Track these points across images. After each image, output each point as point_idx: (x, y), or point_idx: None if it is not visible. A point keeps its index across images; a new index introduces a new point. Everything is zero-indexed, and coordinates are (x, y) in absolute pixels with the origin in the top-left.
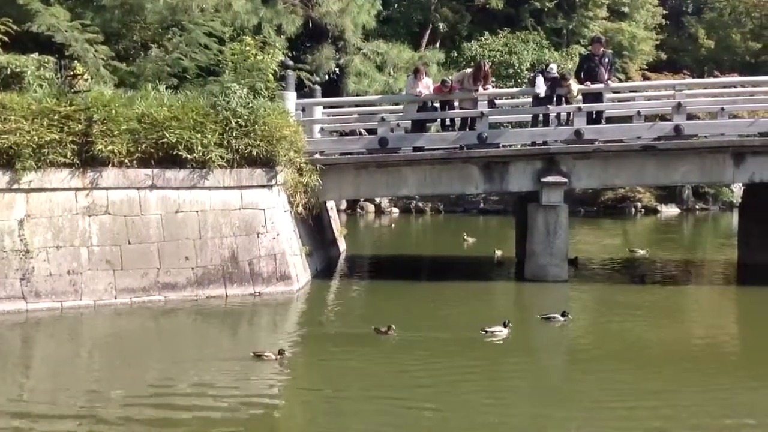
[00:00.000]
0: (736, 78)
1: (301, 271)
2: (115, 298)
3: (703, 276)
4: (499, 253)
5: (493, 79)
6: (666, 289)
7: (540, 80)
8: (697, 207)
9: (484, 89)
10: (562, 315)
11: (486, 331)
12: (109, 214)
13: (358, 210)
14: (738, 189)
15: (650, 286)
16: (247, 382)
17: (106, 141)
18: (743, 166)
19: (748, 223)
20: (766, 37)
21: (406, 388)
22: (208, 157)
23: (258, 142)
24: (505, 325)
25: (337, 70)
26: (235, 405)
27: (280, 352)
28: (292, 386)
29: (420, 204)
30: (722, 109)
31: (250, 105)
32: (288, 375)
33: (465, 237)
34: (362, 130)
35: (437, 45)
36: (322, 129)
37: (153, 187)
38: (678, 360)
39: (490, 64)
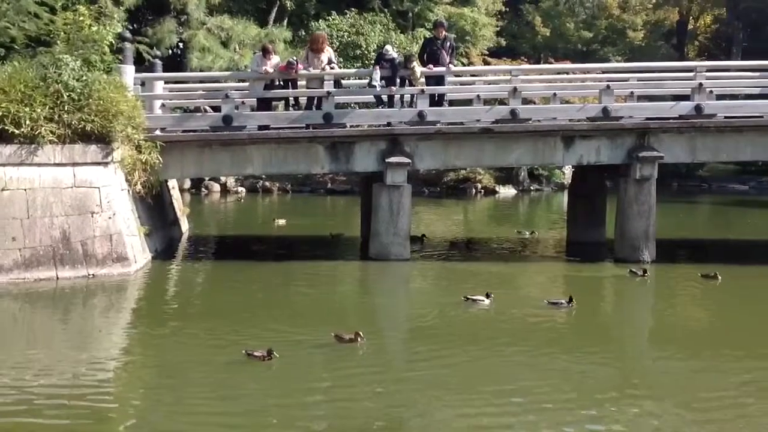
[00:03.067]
0: (568, 65)
1: (139, 252)
2: None
3: (536, 252)
4: (334, 233)
5: (340, 59)
6: (503, 264)
7: (376, 74)
8: (531, 188)
9: (330, 68)
10: (569, 301)
11: (467, 299)
12: None
13: (203, 189)
14: (569, 171)
15: (487, 262)
16: (77, 379)
17: None
18: (572, 149)
19: (576, 203)
20: (597, 26)
21: (236, 394)
22: (37, 132)
23: (92, 117)
24: (487, 296)
25: (180, 44)
26: (60, 400)
27: (269, 353)
28: (126, 382)
29: (267, 184)
30: (554, 94)
31: (84, 78)
32: (119, 370)
33: (275, 220)
34: (207, 107)
35: (284, 23)
36: (163, 105)
37: None
38: (506, 334)
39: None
